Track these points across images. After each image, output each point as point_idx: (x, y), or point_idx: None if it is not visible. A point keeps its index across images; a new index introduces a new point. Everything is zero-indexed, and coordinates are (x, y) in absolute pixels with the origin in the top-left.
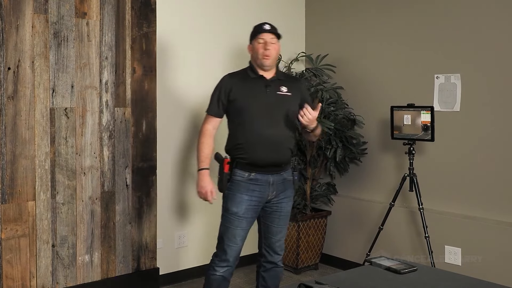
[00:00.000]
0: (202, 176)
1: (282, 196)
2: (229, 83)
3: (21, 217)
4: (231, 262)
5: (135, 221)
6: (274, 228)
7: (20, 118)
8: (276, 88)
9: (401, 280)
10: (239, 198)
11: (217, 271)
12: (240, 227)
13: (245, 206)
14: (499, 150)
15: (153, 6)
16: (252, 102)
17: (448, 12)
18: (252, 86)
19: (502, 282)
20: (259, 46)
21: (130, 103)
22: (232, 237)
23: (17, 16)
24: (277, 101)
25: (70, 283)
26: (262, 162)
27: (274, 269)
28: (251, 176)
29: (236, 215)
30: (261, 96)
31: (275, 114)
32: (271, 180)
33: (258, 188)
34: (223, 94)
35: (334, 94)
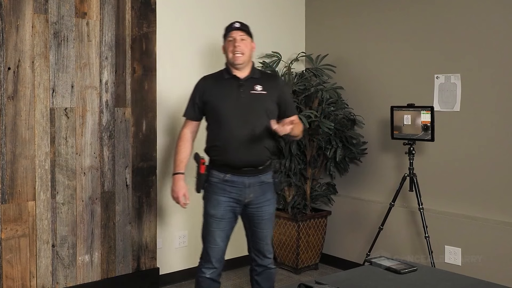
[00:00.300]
0: (176, 181)
1: (263, 199)
2: (202, 86)
3: (21, 217)
4: (215, 264)
5: (135, 221)
6: (260, 232)
7: (20, 118)
8: (250, 87)
9: (401, 280)
10: (216, 200)
11: (204, 273)
12: (219, 228)
13: (223, 207)
14: (499, 150)
15: (153, 6)
16: (225, 103)
17: (448, 12)
18: (225, 87)
19: (502, 282)
20: (229, 44)
21: (130, 103)
22: (212, 239)
23: (17, 16)
24: (251, 101)
25: (70, 283)
26: (236, 163)
27: (266, 272)
28: (226, 177)
29: (214, 217)
30: (234, 96)
31: (249, 114)
32: (246, 182)
33: (235, 190)
34: (197, 97)
35: (334, 94)
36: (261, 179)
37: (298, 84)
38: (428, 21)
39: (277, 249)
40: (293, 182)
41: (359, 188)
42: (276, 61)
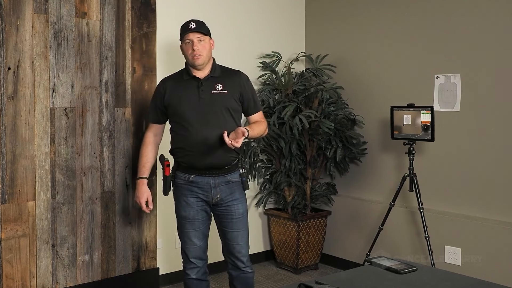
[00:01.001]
0: (138, 186)
1: (230, 199)
2: (163, 88)
3: (21, 217)
4: (196, 263)
5: (135, 221)
6: (230, 233)
7: (20, 118)
8: (210, 87)
9: (401, 280)
10: (185, 201)
11: (189, 275)
12: (193, 228)
13: (193, 208)
14: (499, 150)
15: (153, 6)
16: (185, 105)
17: (448, 12)
18: (185, 88)
19: (502, 282)
20: (187, 46)
21: (130, 103)
22: (188, 239)
23: (17, 16)
24: (211, 101)
25: (70, 283)
26: (199, 165)
27: (242, 276)
28: (191, 178)
29: (186, 218)
30: (193, 97)
31: (210, 115)
32: (212, 182)
33: (201, 191)
34: (158, 99)
35: (334, 94)
36: (227, 178)
37: (298, 84)
38: (428, 21)
39: (277, 249)
40: (293, 182)
41: (359, 188)
42: (276, 61)
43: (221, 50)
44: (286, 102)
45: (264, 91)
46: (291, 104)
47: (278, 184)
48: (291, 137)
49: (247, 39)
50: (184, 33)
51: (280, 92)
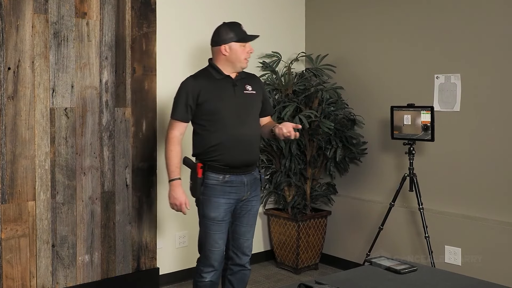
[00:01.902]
0: (175, 187)
1: (253, 195)
2: (196, 86)
3: (21, 217)
4: (216, 266)
5: (135, 221)
6: (243, 228)
7: (20, 118)
8: (242, 87)
9: (401, 280)
10: (216, 202)
11: (204, 278)
12: (220, 231)
13: (223, 209)
14: (499, 150)
15: (153, 6)
16: (222, 103)
17: (448, 12)
18: (220, 87)
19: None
20: (243, 50)
21: (130, 103)
22: (213, 242)
23: (17, 16)
24: (245, 100)
25: (70, 283)
26: (236, 163)
27: (242, 272)
28: (226, 178)
29: (215, 220)
30: (230, 96)
31: (244, 114)
32: (245, 180)
33: (234, 190)
34: (191, 97)
35: (334, 94)
36: (254, 175)
37: (298, 84)
38: (428, 21)
39: (277, 249)
40: (293, 182)
41: (359, 188)
42: (276, 61)
43: None
44: (286, 102)
45: None
46: (291, 104)
47: (278, 184)
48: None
49: None
50: (245, 40)
51: (280, 92)
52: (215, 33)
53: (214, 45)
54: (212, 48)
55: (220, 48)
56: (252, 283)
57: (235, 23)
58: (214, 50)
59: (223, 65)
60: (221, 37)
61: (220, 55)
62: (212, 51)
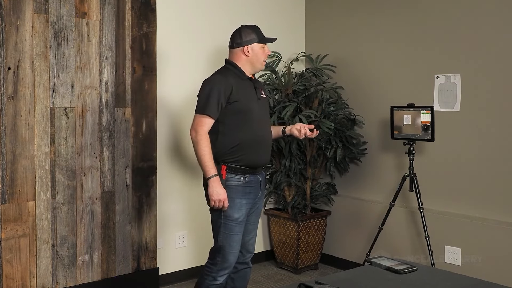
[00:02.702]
0: (216, 183)
1: (261, 194)
2: (228, 84)
3: (21, 217)
4: (230, 270)
5: (135, 221)
6: (250, 226)
7: (20, 118)
8: (259, 90)
9: (401, 280)
10: (239, 203)
11: (218, 280)
12: (240, 232)
13: (244, 210)
14: (499, 150)
15: (153, 6)
16: (252, 104)
17: (448, 12)
18: (246, 88)
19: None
20: (262, 51)
21: (130, 103)
22: (234, 243)
23: (17, 16)
24: (262, 103)
25: (70, 283)
26: (257, 163)
27: (244, 270)
28: (246, 179)
29: (238, 220)
30: (254, 98)
31: (264, 115)
32: (260, 180)
33: (253, 190)
34: (223, 95)
35: (334, 94)
36: (264, 175)
37: (298, 84)
38: (428, 21)
39: (277, 249)
40: (293, 182)
41: (359, 188)
42: (276, 61)
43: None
44: (286, 102)
45: None
46: (291, 104)
47: (278, 184)
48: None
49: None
50: (265, 42)
51: (280, 92)
52: (236, 35)
53: (236, 46)
54: (233, 50)
55: (243, 49)
56: (252, 283)
57: (254, 25)
58: (234, 52)
59: (244, 66)
60: (243, 38)
61: (242, 56)
62: (232, 52)
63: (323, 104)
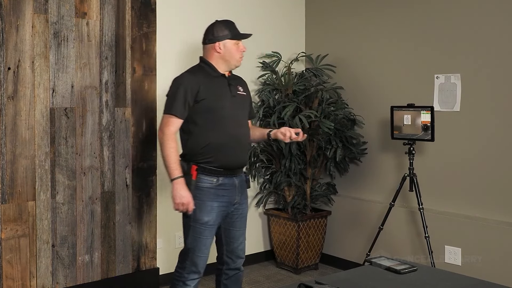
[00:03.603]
0: (179, 185)
1: (243, 198)
2: (195, 82)
3: (21, 217)
4: (202, 273)
5: (135, 221)
6: (237, 232)
7: (20, 118)
8: (235, 87)
9: (401, 280)
10: (209, 206)
11: (188, 285)
12: (211, 236)
13: (215, 213)
14: (499, 150)
15: (153, 6)
16: (220, 102)
17: (448, 12)
18: (217, 85)
19: (502, 282)
20: (237, 48)
21: (130, 103)
22: (203, 247)
23: (17, 16)
24: (239, 100)
25: (70, 283)
26: (232, 164)
27: (236, 275)
28: (219, 181)
29: (207, 224)
30: (226, 95)
31: (239, 114)
32: (236, 183)
33: (227, 194)
34: (190, 94)
35: (334, 94)
36: (242, 177)
37: (298, 84)
38: (428, 21)
39: (277, 249)
40: (293, 182)
41: (359, 188)
42: (276, 61)
43: None
44: (286, 102)
45: (264, 91)
46: (291, 104)
47: (278, 184)
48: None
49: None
50: (239, 38)
51: (280, 92)
52: (208, 31)
53: (208, 42)
54: (205, 46)
55: (214, 46)
56: (252, 283)
57: (228, 21)
58: (207, 48)
59: (217, 63)
60: (215, 34)
61: (214, 53)
62: (205, 48)
63: (323, 104)
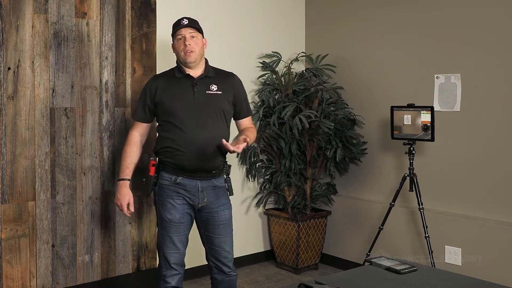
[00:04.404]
0: (120, 188)
1: (217, 204)
2: (154, 85)
3: (21, 217)
4: (179, 270)
5: (135, 221)
6: (216, 239)
7: (20, 118)
8: (205, 87)
9: (401, 280)
10: (170, 203)
11: (169, 283)
12: (178, 233)
13: (179, 211)
14: (499, 150)
15: (153, 6)
16: (178, 104)
17: (448, 12)
18: (178, 87)
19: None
20: (179, 42)
21: (130, 103)
22: (171, 244)
23: (17, 16)
24: (206, 101)
25: (70, 283)
26: (189, 166)
27: (227, 279)
28: (178, 180)
29: (172, 222)
30: (188, 96)
31: (204, 115)
32: (199, 186)
33: (188, 194)
34: (149, 97)
35: (334, 94)
36: (214, 183)
37: (298, 84)
38: (428, 21)
39: (277, 249)
40: (293, 182)
41: (359, 188)
42: (276, 61)
43: (221, 50)
44: (286, 102)
45: (264, 91)
46: (291, 104)
47: (278, 184)
48: (291, 137)
49: (247, 39)
50: (176, 28)
51: (280, 92)
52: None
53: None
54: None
55: (171, 46)
56: (252, 283)
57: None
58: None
59: (180, 63)
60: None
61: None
62: None
63: (323, 104)
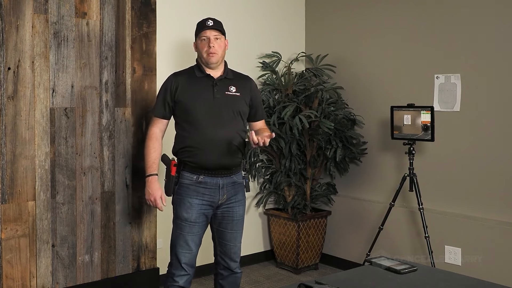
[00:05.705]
0: (150, 183)
1: (233, 200)
2: (175, 83)
3: (21, 217)
4: (188, 270)
5: (135, 221)
6: (228, 234)
7: (20, 118)
8: (224, 87)
9: (401, 280)
10: (189, 202)
11: (177, 282)
12: (192, 232)
13: (196, 210)
14: (499, 150)
15: (153, 6)
16: (199, 103)
17: (448, 12)
18: (198, 86)
19: (502, 282)
20: (203, 43)
21: (130, 103)
22: (184, 243)
23: (17, 16)
24: (225, 102)
25: (70, 283)
26: (210, 165)
27: (232, 276)
28: (199, 179)
29: (187, 220)
30: (208, 96)
31: (223, 115)
32: (220, 183)
33: (208, 192)
34: (169, 94)
35: (334, 94)
36: (233, 179)
37: (298, 84)
38: (428, 21)
39: (277, 249)
40: (293, 182)
41: (359, 188)
42: (276, 61)
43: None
44: (286, 102)
45: (264, 91)
46: (291, 104)
47: (278, 184)
48: (291, 137)
49: (247, 39)
50: (201, 29)
51: (280, 92)
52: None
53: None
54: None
55: (193, 45)
56: (252, 283)
57: (202, 19)
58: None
59: (201, 63)
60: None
61: (197, 53)
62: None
63: (323, 104)
